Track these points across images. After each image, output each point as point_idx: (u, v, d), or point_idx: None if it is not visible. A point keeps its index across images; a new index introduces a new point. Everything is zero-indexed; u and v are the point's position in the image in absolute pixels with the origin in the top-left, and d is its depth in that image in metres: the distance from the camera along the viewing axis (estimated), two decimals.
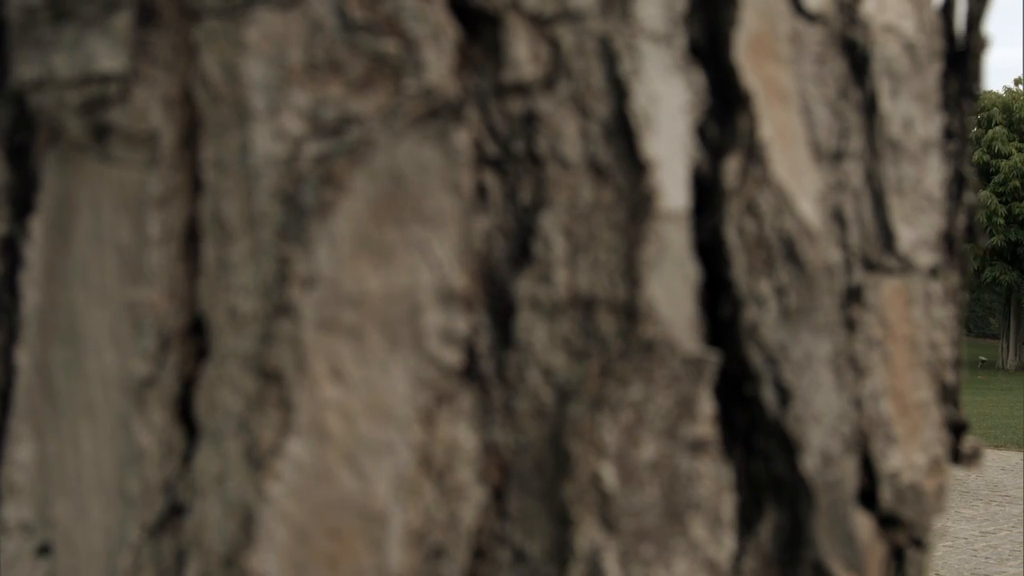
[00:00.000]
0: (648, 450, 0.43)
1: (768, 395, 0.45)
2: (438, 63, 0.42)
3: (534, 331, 0.43)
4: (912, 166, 0.51)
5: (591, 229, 0.43)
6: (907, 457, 0.51)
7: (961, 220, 0.56)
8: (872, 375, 0.49)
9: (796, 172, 0.46)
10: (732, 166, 0.45)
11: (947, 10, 0.56)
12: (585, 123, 0.43)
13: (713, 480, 0.44)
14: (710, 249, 0.45)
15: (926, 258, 0.52)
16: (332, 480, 0.41)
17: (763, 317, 0.45)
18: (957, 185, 0.55)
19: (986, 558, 6.57)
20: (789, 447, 0.46)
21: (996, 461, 9.99)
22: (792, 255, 0.46)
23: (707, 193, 0.45)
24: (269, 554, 0.41)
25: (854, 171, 0.50)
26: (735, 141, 0.45)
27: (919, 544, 0.54)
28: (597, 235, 0.43)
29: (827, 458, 0.47)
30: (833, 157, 0.49)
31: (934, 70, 0.53)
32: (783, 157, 0.46)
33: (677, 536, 0.43)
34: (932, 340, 0.53)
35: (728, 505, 0.45)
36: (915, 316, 0.52)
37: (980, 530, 7.30)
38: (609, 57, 0.43)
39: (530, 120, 0.43)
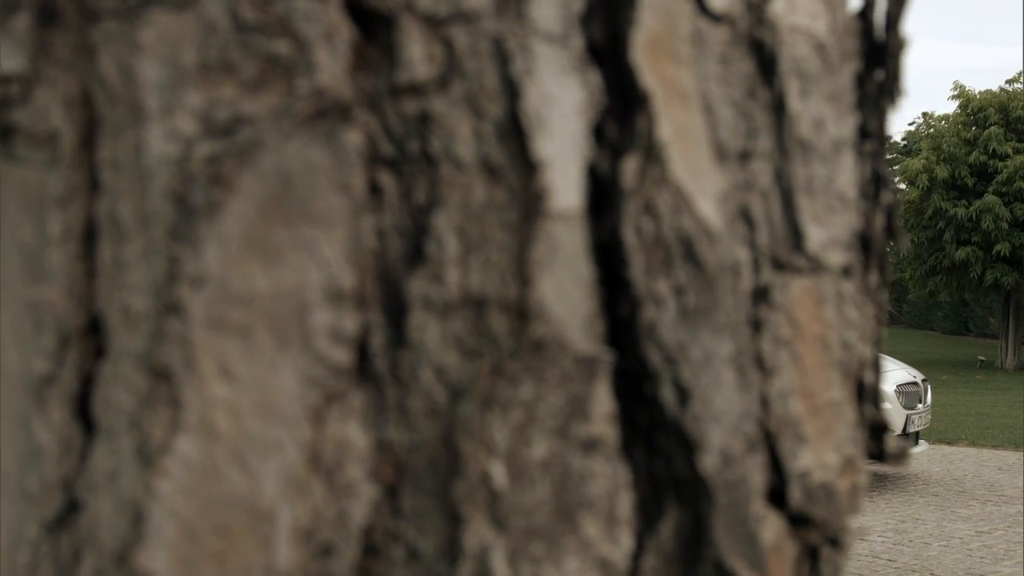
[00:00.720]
0: (539, 449, 0.43)
1: (667, 394, 0.46)
2: (330, 64, 0.42)
3: (427, 330, 0.43)
4: (823, 166, 0.52)
5: (484, 229, 0.43)
6: (818, 457, 0.51)
7: (879, 220, 0.56)
8: (780, 375, 0.50)
9: (696, 172, 0.46)
10: (630, 166, 0.45)
11: (866, 11, 0.56)
12: (478, 123, 0.43)
13: (608, 479, 0.44)
14: (610, 249, 0.45)
15: (838, 258, 0.52)
16: (220, 477, 0.41)
17: (661, 317, 0.45)
18: (874, 185, 0.56)
19: (981, 558, 6.56)
20: (688, 446, 0.46)
21: (993, 461, 9.99)
22: (690, 255, 0.46)
23: (607, 193, 0.45)
24: (158, 551, 0.41)
25: (763, 171, 0.50)
26: (633, 141, 0.45)
27: (835, 543, 0.54)
28: (489, 235, 0.43)
29: (727, 457, 0.47)
30: (740, 157, 0.49)
31: (848, 71, 0.53)
32: (682, 157, 0.46)
33: (568, 534, 0.43)
34: (845, 340, 0.53)
35: (625, 504, 0.45)
36: (827, 316, 0.52)
37: (976, 530, 7.30)
38: (502, 57, 0.43)
39: (424, 120, 0.43)
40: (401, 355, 0.43)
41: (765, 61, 0.50)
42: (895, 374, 9.05)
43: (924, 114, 25.85)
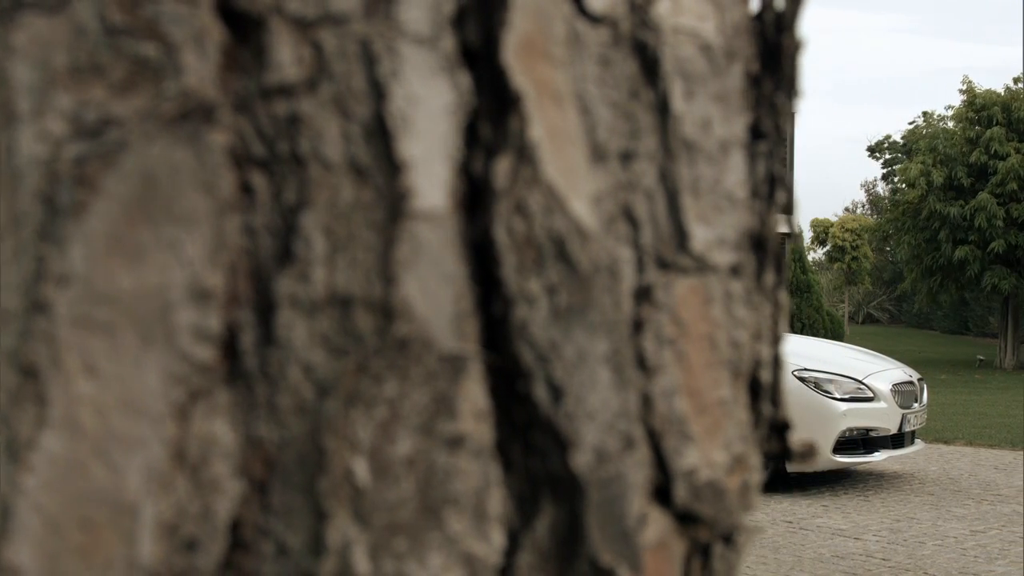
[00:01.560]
0: (403, 446, 0.44)
1: (540, 392, 0.46)
2: (198, 66, 0.43)
3: (294, 329, 0.44)
4: (710, 166, 0.52)
5: (351, 228, 0.44)
6: (705, 455, 0.52)
7: (774, 219, 0.56)
8: (664, 373, 0.50)
9: (569, 172, 0.47)
10: (502, 166, 0.46)
11: (762, 12, 0.56)
12: (346, 124, 0.44)
13: (476, 476, 0.45)
14: (485, 249, 0.46)
15: (725, 257, 0.53)
16: (84, 473, 0.42)
17: (533, 315, 0.46)
18: (768, 185, 0.56)
19: (975, 557, 6.56)
20: (562, 444, 0.46)
21: (990, 460, 9.98)
22: (562, 254, 0.46)
23: (480, 193, 0.46)
24: (23, 545, 0.41)
25: (647, 171, 0.50)
26: (506, 142, 0.46)
27: (728, 540, 0.55)
28: (356, 234, 0.44)
29: (602, 455, 0.47)
30: (621, 157, 0.49)
31: (737, 71, 0.54)
32: (555, 157, 0.47)
33: (432, 531, 0.44)
34: (734, 339, 0.53)
35: (496, 500, 0.46)
36: (714, 315, 0.52)
37: (970, 529, 7.29)
38: (369, 60, 0.44)
39: (293, 121, 0.44)
40: (270, 353, 0.44)
41: (648, 62, 0.50)
42: (891, 373, 9.05)
43: (924, 113, 25.83)
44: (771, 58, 0.56)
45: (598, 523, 0.47)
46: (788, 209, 0.57)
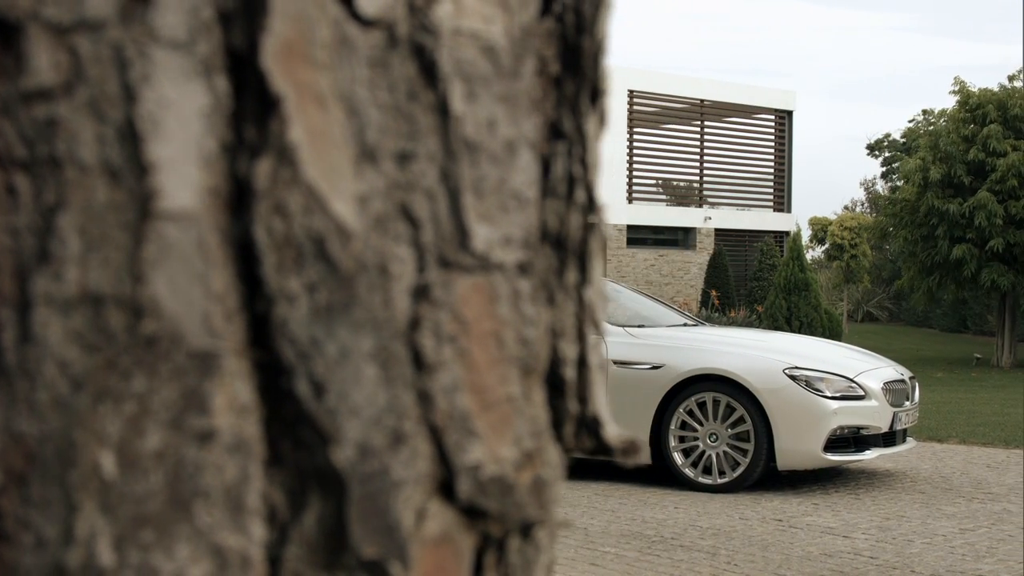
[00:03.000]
0: (152, 440, 0.45)
1: (302, 388, 0.47)
2: None
3: (50, 326, 0.45)
4: (494, 166, 0.53)
5: (104, 229, 0.45)
6: (491, 451, 0.53)
7: (575, 219, 0.57)
8: (445, 370, 0.51)
9: (332, 173, 0.48)
10: (262, 168, 0.47)
11: (563, 14, 0.57)
12: (101, 128, 0.45)
13: (231, 469, 0.46)
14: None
15: (511, 256, 0.54)
16: None
17: (293, 313, 0.47)
18: (568, 184, 0.57)
19: (963, 555, 6.56)
20: (325, 439, 0.48)
21: (982, 458, 9.98)
22: (323, 253, 0.48)
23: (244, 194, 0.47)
24: None
25: (427, 171, 0.51)
26: (267, 144, 0.47)
27: (526, 535, 0.56)
28: (109, 234, 0.45)
29: (366, 450, 0.48)
30: (399, 158, 0.51)
31: (526, 73, 0.55)
32: (316, 159, 0.48)
33: (181, 523, 0.45)
34: (524, 337, 0.54)
35: (255, 494, 0.47)
36: (501, 313, 0.54)
37: (960, 527, 7.29)
38: (122, 64, 0.45)
39: (51, 124, 0.45)
40: (28, 350, 0.45)
41: (427, 65, 0.51)
42: (882, 371, 9.05)
43: (924, 111, 25.79)
44: (572, 59, 0.57)
45: (361, 516, 0.48)
46: (590, 209, 0.58)
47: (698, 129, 30.24)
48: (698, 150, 30.08)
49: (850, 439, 8.57)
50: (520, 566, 0.55)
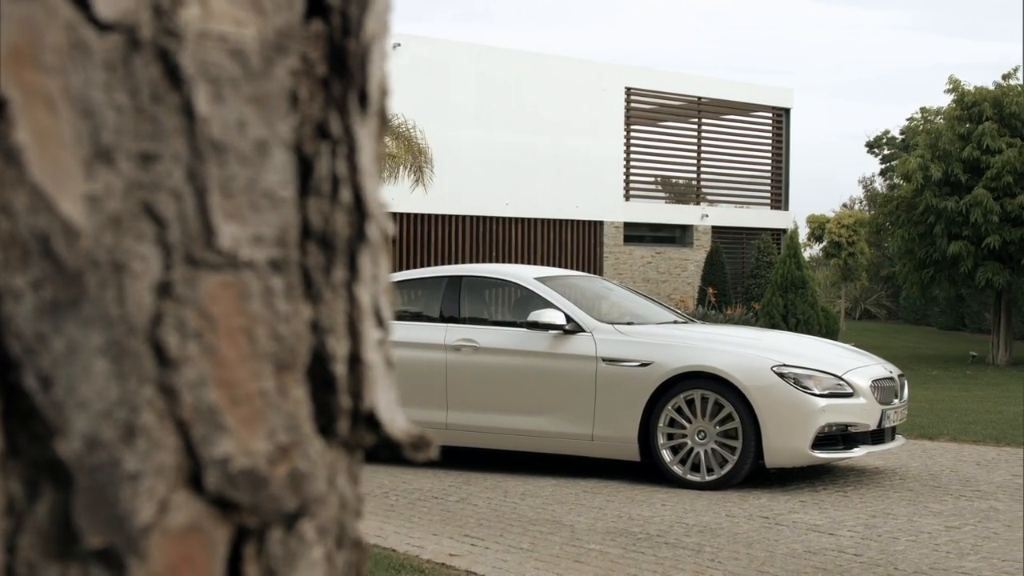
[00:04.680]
0: None
1: (30, 382, 0.49)
2: None
3: None
4: (243, 167, 0.55)
5: None
6: (242, 444, 0.54)
7: (340, 218, 0.59)
8: (190, 366, 0.53)
9: (59, 174, 0.50)
10: None
11: (329, 16, 0.59)
12: None
13: None
14: None
15: (262, 254, 0.55)
16: None
17: (18, 309, 0.49)
18: (332, 184, 0.58)
19: (947, 552, 6.57)
20: (52, 431, 0.49)
21: (972, 456, 9.98)
22: (48, 251, 0.49)
23: None
24: None
25: (173, 171, 0.53)
26: None
27: (290, 528, 0.57)
28: None
29: (94, 443, 0.50)
30: (142, 158, 0.52)
31: (280, 74, 0.56)
32: (44, 159, 0.49)
33: None
34: (278, 333, 0.56)
35: None
36: (253, 310, 0.55)
37: (945, 524, 7.30)
38: None
39: None
40: None
41: (171, 67, 0.52)
42: (871, 369, 9.05)
43: (922, 109, 25.72)
44: (339, 61, 0.59)
45: (88, 507, 0.50)
46: (358, 208, 0.59)
47: (695, 126, 30.21)
48: (695, 148, 30.06)
49: (838, 436, 8.57)
50: (282, 558, 0.57)
